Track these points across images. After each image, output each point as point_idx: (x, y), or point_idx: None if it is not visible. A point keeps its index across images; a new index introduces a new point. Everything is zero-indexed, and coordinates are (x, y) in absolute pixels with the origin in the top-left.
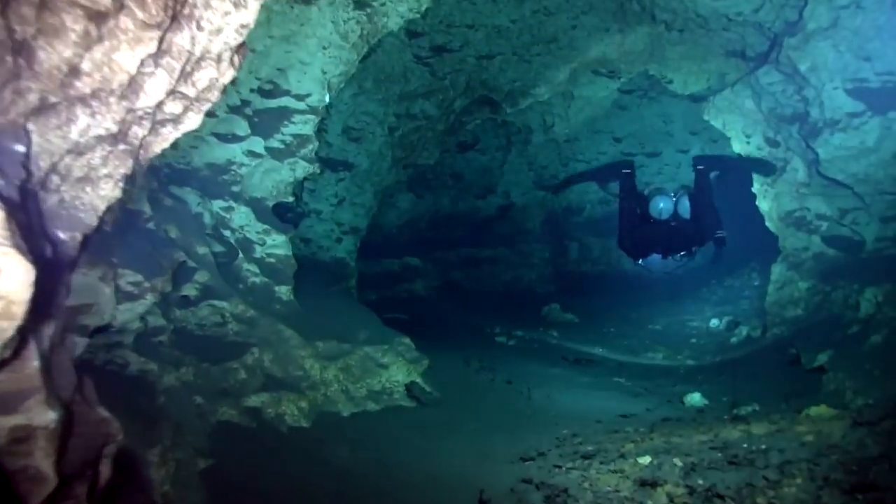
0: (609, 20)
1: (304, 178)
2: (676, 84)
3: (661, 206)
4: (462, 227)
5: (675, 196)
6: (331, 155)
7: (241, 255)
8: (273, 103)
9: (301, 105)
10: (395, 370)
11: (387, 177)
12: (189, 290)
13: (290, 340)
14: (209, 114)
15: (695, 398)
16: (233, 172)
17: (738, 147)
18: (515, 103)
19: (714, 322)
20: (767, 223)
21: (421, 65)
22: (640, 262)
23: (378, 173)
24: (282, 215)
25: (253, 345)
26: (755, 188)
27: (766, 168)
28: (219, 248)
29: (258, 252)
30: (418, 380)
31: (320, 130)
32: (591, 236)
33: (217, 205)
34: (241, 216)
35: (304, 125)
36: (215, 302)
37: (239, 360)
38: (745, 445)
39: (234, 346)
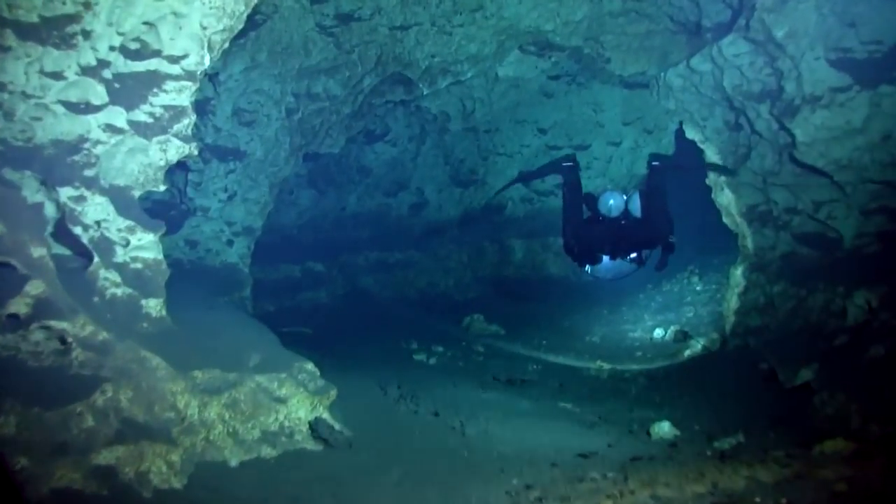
0: None
1: (180, 163)
2: (615, 64)
3: (612, 203)
4: (370, 228)
5: (626, 193)
6: (219, 141)
7: (96, 258)
8: (139, 66)
9: (175, 69)
10: (296, 404)
11: (284, 168)
12: (17, 307)
13: (157, 371)
14: (55, 75)
15: (664, 429)
16: (86, 152)
17: (692, 133)
18: (434, 82)
19: (658, 332)
20: (725, 219)
21: (324, 35)
22: (588, 269)
23: (274, 163)
24: (155, 210)
25: (105, 379)
26: (710, 180)
27: (726, 172)
28: (64, 251)
29: (120, 255)
30: (325, 415)
31: (206, 112)
32: (514, 237)
33: (65, 193)
34: (97, 209)
35: (178, 94)
36: (52, 322)
37: (85, 400)
38: (758, 500)
39: (78, 382)
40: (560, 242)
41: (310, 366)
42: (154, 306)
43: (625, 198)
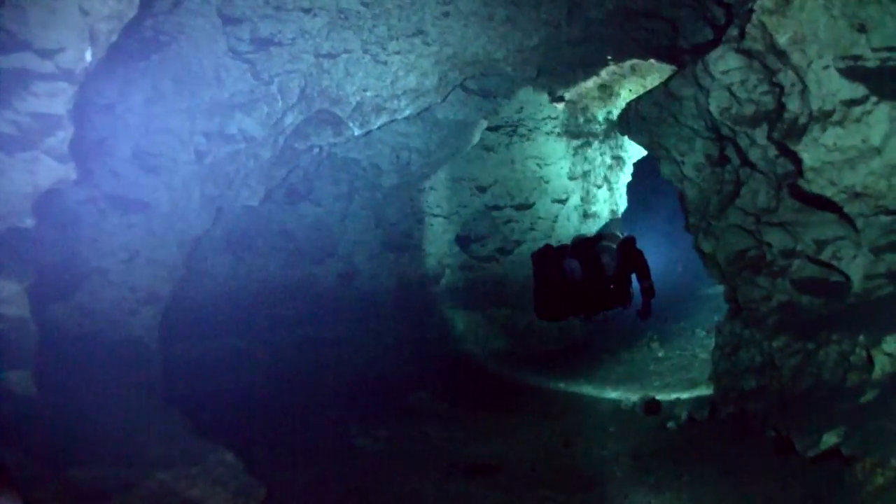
0: (494, 4)
1: (65, 205)
2: (570, 102)
3: (574, 266)
4: (296, 301)
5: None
6: (117, 190)
7: None
8: (2, 62)
9: (47, 66)
10: None
11: (195, 223)
12: None
13: (14, 470)
14: None
15: None
16: None
17: (668, 171)
18: (366, 122)
19: (626, 404)
20: (709, 269)
21: (239, 62)
22: None
23: (184, 218)
24: (28, 256)
25: None
26: (691, 222)
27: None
28: None
29: None
30: None
31: (101, 153)
32: (454, 308)
33: None
34: None
35: (51, 99)
36: None
37: None
38: None
39: None
40: (505, 313)
41: (230, 457)
42: (18, 381)
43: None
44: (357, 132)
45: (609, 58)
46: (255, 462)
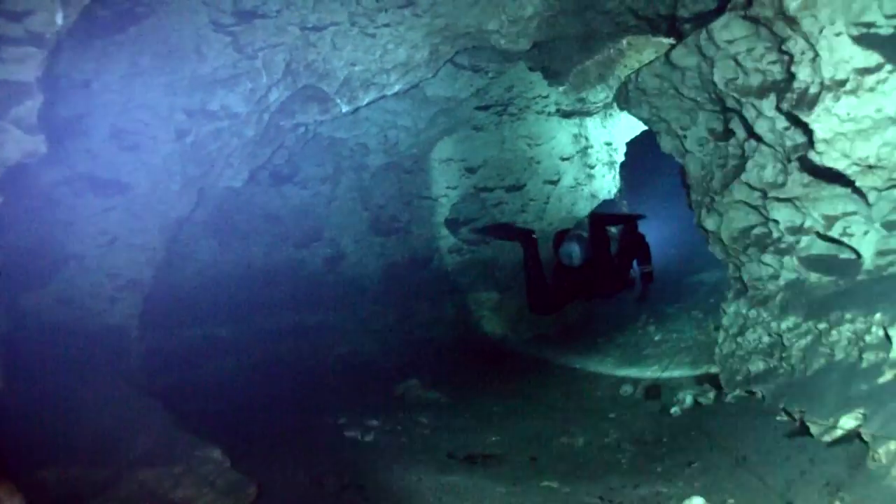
0: None
1: (21, 166)
2: (563, 78)
3: (572, 252)
4: (281, 286)
5: (587, 237)
6: (95, 170)
7: None
8: None
9: (16, 30)
10: None
11: (177, 205)
12: None
13: None
14: None
15: None
16: None
17: (669, 145)
18: (354, 97)
19: (626, 389)
20: (712, 247)
21: (222, 34)
22: None
23: (164, 199)
24: None
25: None
26: (693, 198)
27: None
28: None
29: None
30: None
31: (77, 132)
32: (443, 293)
33: None
34: None
35: (19, 66)
36: None
37: None
38: None
39: None
40: (495, 297)
41: (216, 454)
42: None
43: (586, 242)
44: (345, 109)
45: (606, 31)
46: (242, 457)
